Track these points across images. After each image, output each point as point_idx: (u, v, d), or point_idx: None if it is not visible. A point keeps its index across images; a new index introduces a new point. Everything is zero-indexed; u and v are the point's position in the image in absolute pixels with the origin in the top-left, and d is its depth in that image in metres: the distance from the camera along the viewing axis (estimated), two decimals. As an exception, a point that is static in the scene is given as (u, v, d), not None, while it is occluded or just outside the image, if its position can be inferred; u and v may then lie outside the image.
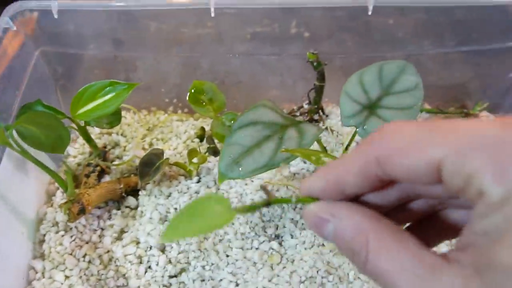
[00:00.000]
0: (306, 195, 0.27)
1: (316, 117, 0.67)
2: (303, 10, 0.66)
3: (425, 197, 0.28)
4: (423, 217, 0.30)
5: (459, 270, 0.21)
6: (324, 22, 0.69)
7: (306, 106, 0.68)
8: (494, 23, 0.64)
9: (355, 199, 0.27)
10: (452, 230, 0.29)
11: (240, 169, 0.50)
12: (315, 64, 0.60)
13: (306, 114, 0.67)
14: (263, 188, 0.27)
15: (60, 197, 0.62)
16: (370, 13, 0.60)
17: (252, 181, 0.62)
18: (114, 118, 0.58)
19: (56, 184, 0.63)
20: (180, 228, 0.25)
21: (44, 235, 0.59)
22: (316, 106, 0.66)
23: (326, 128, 0.68)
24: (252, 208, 0.27)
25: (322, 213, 0.26)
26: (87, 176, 0.62)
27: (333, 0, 0.61)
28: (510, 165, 0.19)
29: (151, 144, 0.68)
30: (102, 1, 0.63)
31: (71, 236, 0.58)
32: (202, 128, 0.67)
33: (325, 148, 0.59)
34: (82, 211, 0.56)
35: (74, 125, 0.57)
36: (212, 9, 0.59)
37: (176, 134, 0.68)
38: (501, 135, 0.20)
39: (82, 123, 0.58)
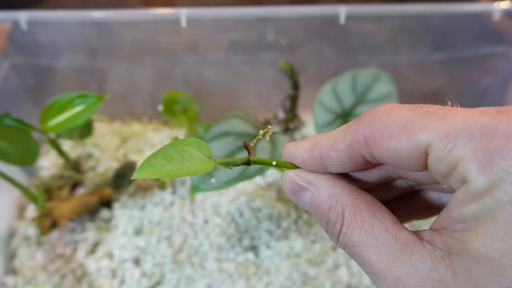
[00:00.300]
0: (288, 161, 0.27)
1: (291, 125, 0.67)
2: (278, 19, 0.66)
3: (407, 179, 0.28)
4: (401, 194, 0.30)
5: (430, 250, 0.21)
6: (299, 30, 0.69)
7: (281, 115, 0.68)
8: (468, 31, 0.65)
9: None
10: (427, 209, 0.29)
11: (213, 181, 0.49)
12: (288, 73, 0.59)
13: (282, 123, 0.67)
14: (246, 146, 0.27)
15: (32, 211, 0.61)
16: (343, 21, 0.60)
17: (228, 191, 0.62)
18: (85, 130, 0.58)
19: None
20: (156, 165, 0.24)
21: (16, 250, 0.57)
22: (291, 115, 0.66)
23: (301, 137, 0.68)
24: (232, 162, 0.26)
25: (300, 180, 0.25)
26: (60, 188, 0.61)
27: (305, 10, 0.61)
28: (497, 155, 0.19)
29: (125, 155, 0.67)
30: (73, 12, 0.62)
31: (44, 251, 0.57)
32: (176, 138, 0.66)
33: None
34: (54, 225, 0.56)
35: (44, 138, 0.56)
36: (184, 20, 0.59)
37: (151, 144, 0.68)
38: (493, 124, 0.19)
39: (53, 136, 0.57)
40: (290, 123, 0.67)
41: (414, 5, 0.61)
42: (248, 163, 0.26)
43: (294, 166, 0.26)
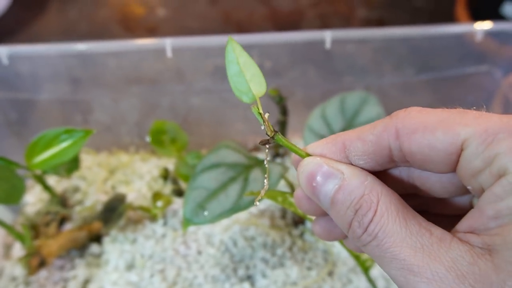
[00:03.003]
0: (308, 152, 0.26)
1: (281, 151, 0.67)
2: (263, 45, 0.66)
3: (418, 194, 0.27)
4: None
5: (469, 247, 0.21)
6: (284, 55, 0.69)
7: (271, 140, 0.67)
8: (452, 51, 0.66)
9: None
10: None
11: (206, 213, 0.48)
12: (277, 99, 0.59)
13: (272, 149, 0.67)
14: (261, 144, 0.28)
15: (18, 249, 0.59)
16: (328, 46, 0.60)
17: (221, 221, 0.61)
18: (72, 165, 0.56)
19: (14, 236, 0.60)
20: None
21: (2, 291, 0.55)
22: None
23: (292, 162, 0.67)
24: (264, 119, 0.27)
25: (329, 166, 0.24)
26: (47, 225, 0.59)
27: (290, 36, 0.62)
28: None
29: (113, 187, 0.66)
30: (54, 45, 0.61)
31: (32, 291, 0.55)
32: (165, 169, 0.65)
33: (291, 184, 0.58)
34: (43, 263, 0.54)
35: (29, 173, 0.54)
36: (169, 50, 0.58)
37: (139, 175, 0.67)
38: None
39: (39, 172, 0.55)
40: (280, 148, 0.67)
41: (398, 28, 0.62)
42: (273, 135, 0.27)
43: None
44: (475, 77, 0.68)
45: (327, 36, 0.59)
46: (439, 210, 0.28)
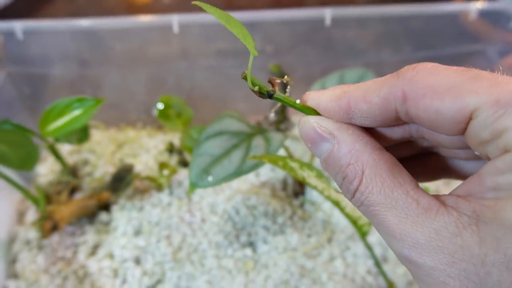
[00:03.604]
0: (310, 106, 0.25)
1: (282, 127, 0.69)
2: (266, 24, 0.69)
3: (429, 141, 0.27)
4: (413, 155, 0.29)
5: (455, 216, 0.20)
6: (286, 35, 0.72)
7: (272, 117, 0.70)
8: (447, 30, 0.68)
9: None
10: (434, 172, 0.29)
11: (210, 178, 0.51)
12: (278, 75, 0.62)
13: (273, 125, 0.69)
14: (271, 80, 0.27)
15: (31, 216, 0.62)
16: (328, 23, 0.63)
17: (224, 190, 0.63)
18: (83, 134, 0.59)
19: (27, 203, 0.63)
20: (217, 11, 0.25)
21: (17, 254, 0.58)
22: (281, 117, 0.68)
23: (293, 138, 0.70)
24: (257, 83, 0.26)
25: (322, 130, 0.24)
26: (59, 193, 0.62)
27: (291, 13, 0.64)
28: None
29: (121, 160, 0.68)
30: (67, 21, 0.64)
31: (45, 254, 0.58)
32: (171, 143, 0.68)
33: (292, 155, 0.60)
34: (55, 228, 0.57)
35: (43, 143, 0.57)
36: (176, 26, 0.61)
37: (146, 149, 0.69)
38: None
39: (51, 140, 0.58)
40: (281, 124, 0.69)
41: (396, 6, 0.64)
42: (271, 94, 0.26)
43: (316, 113, 0.25)
44: (471, 56, 0.70)
45: (327, 13, 0.61)
46: (448, 154, 0.28)
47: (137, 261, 0.57)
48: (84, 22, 0.64)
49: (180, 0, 1.05)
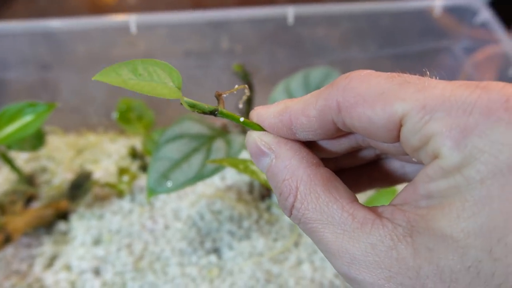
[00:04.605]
0: (256, 121, 0.26)
1: (247, 128, 0.67)
2: (234, 23, 0.67)
3: (376, 149, 0.27)
4: (366, 163, 0.29)
5: (390, 229, 0.20)
6: (254, 34, 0.70)
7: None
8: (413, 27, 0.67)
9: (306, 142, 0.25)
10: (389, 178, 0.29)
11: (169, 183, 0.49)
12: (241, 75, 0.60)
13: (238, 126, 0.67)
14: (217, 95, 0.26)
15: (-16, 228, 0.59)
16: (291, 21, 0.61)
17: (188, 195, 0.61)
18: (36, 141, 0.56)
19: (-20, 215, 0.60)
20: (121, 75, 0.23)
21: (-32, 269, 0.55)
22: (246, 117, 0.66)
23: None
24: (200, 106, 0.25)
25: (262, 144, 0.25)
26: (13, 203, 0.59)
27: (255, 12, 0.62)
28: (472, 133, 0.18)
29: (81, 166, 0.66)
30: (21, 22, 0.61)
31: (-2, 268, 0.55)
32: (133, 148, 0.66)
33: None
34: (8, 240, 0.54)
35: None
36: (133, 26, 0.58)
37: (107, 154, 0.67)
38: (471, 100, 0.19)
39: (3, 148, 0.55)
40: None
41: (362, 3, 0.63)
42: (215, 112, 0.25)
43: (261, 128, 0.25)
44: (437, 53, 0.69)
45: (290, 11, 0.60)
46: (401, 159, 0.28)
47: (96, 272, 0.55)
48: (42, 24, 0.61)
49: (145, 0, 1.03)
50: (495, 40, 0.63)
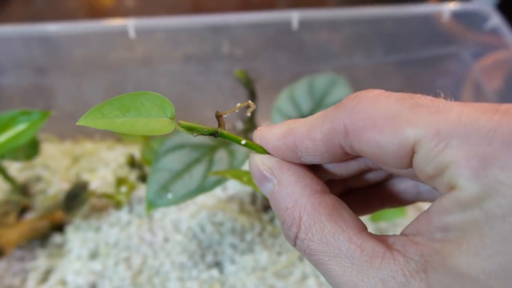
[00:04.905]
0: (259, 143, 0.24)
1: (250, 135, 0.65)
2: (234, 28, 0.65)
3: (387, 171, 0.25)
4: (376, 183, 0.28)
5: (402, 263, 0.19)
6: (255, 39, 0.68)
7: (239, 125, 0.66)
8: (419, 33, 0.66)
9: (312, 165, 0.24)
10: (402, 199, 0.27)
11: (169, 195, 0.47)
12: (244, 81, 0.58)
13: (241, 134, 0.65)
14: (218, 116, 0.24)
15: (-24, 241, 0.56)
16: (296, 26, 0.59)
17: (188, 206, 0.59)
18: (31, 150, 0.54)
19: (-29, 227, 0.57)
20: (108, 115, 0.22)
21: (-42, 284, 0.53)
22: (250, 125, 0.64)
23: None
24: (198, 129, 0.23)
25: (264, 169, 0.23)
26: (6, 214, 0.57)
27: (258, 16, 0.60)
28: (493, 163, 0.17)
29: (77, 175, 0.63)
30: (15, 26, 0.59)
31: (-11, 283, 0.52)
32: (132, 156, 0.63)
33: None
34: (1, 254, 0.52)
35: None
36: (132, 31, 0.56)
37: (105, 163, 0.65)
38: (491, 127, 0.17)
39: (-4, 158, 0.53)
40: (249, 133, 0.65)
41: (367, 8, 0.61)
42: (215, 134, 0.24)
43: (264, 150, 0.24)
44: (444, 59, 0.67)
45: (294, 16, 0.58)
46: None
47: (93, 287, 0.53)
48: (39, 28, 0.59)
49: (144, 2, 1.01)
50: (504, 45, 0.62)
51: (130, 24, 0.56)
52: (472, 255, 0.17)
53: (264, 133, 0.24)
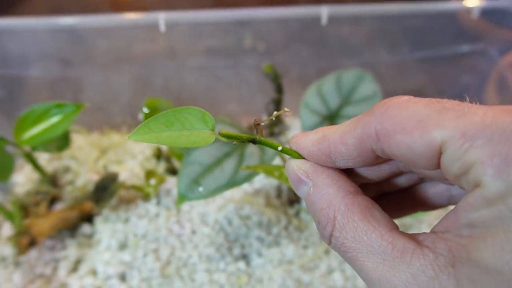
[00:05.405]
0: (295, 149, 0.26)
1: (276, 130, 0.66)
2: (256, 22, 0.65)
3: (418, 174, 0.26)
4: (409, 186, 0.29)
5: (431, 258, 0.20)
6: (278, 34, 0.68)
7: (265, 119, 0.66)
8: (447, 29, 0.65)
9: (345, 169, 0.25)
10: (434, 202, 0.28)
11: (201, 189, 0.47)
12: (272, 76, 0.58)
13: (266, 128, 0.66)
14: (256, 124, 0.26)
15: (7, 229, 0.57)
16: (324, 22, 0.59)
17: (215, 200, 0.60)
18: (62, 142, 0.55)
19: (1, 216, 0.58)
20: (154, 130, 0.24)
21: (-9, 272, 0.54)
22: (275, 119, 0.64)
23: (287, 141, 0.67)
24: (237, 137, 0.25)
25: (300, 173, 0.25)
26: (37, 204, 0.57)
27: (286, 11, 0.60)
28: None
29: (105, 167, 0.64)
30: (46, 19, 0.59)
31: (22, 271, 0.53)
32: (158, 148, 0.64)
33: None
34: (33, 243, 0.53)
35: (19, 151, 0.53)
36: (162, 24, 0.57)
37: (132, 155, 0.65)
38: None
39: (28, 149, 0.54)
40: (275, 127, 0.66)
41: (394, 4, 0.61)
42: (254, 141, 0.25)
43: (300, 156, 0.25)
44: (470, 56, 0.67)
45: (324, 11, 0.58)
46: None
47: (122, 277, 0.53)
48: (66, 20, 0.60)
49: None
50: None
51: (161, 17, 0.56)
52: (498, 249, 0.18)
53: (300, 140, 0.25)
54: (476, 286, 0.18)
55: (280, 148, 0.26)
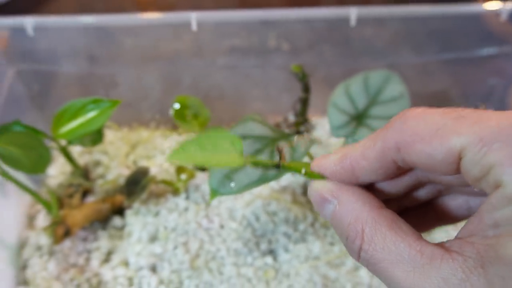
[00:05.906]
0: (317, 172, 0.27)
1: (302, 129, 0.67)
2: (281, 23, 0.66)
3: (437, 183, 0.28)
4: (428, 200, 0.30)
5: (460, 261, 0.20)
6: (303, 34, 0.69)
7: (291, 118, 0.67)
8: (473, 31, 0.66)
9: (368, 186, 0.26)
10: (454, 215, 0.29)
11: (232, 185, 0.48)
12: (299, 76, 0.59)
13: (293, 126, 0.67)
14: (279, 150, 0.28)
15: (42, 220, 0.59)
16: (353, 24, 0.60)
17: (243, 195, 0.61)
18: (97, 136, 0.57)
19: (37, 207, 0.60)
20: (189, 152, 0.26)
21: (27, 260, 0.56)
22: (302, 118, 0.66)
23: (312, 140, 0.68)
24: (263, 164, 0.27)
25: (324, 192, 0.26)
26: (70, 196, 0.59)
27: (314, 12, 0.61)
28: None
29: (135, 162, 0.66)
30: (76, 17, 0.61)
31: (56, 260, 0.55)
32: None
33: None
34: (68, 233, 0.54)
35: (54, 144, 0.55)
36: (194, 23, 0.58)
37: (160, 150, 0.67)
38: None
39: (63, 143, 0.56)
40: (301, 126, 0.67)
41: (421, 6, 0.62)
42: (278, 166, 0.27)
43: (323, 177, 0.26)
44: (497, 59, 0.68)
45: (352, 13, 0.59)
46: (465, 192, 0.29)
47: (153, 269, 0.55)
48: (96, 19, 0.61)
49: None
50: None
51: (193, 16, 0.58)
52: None
53: (321, 162, 0.26)
54: (507, 282, 0.19)
55: (303, 171, 0.27)
